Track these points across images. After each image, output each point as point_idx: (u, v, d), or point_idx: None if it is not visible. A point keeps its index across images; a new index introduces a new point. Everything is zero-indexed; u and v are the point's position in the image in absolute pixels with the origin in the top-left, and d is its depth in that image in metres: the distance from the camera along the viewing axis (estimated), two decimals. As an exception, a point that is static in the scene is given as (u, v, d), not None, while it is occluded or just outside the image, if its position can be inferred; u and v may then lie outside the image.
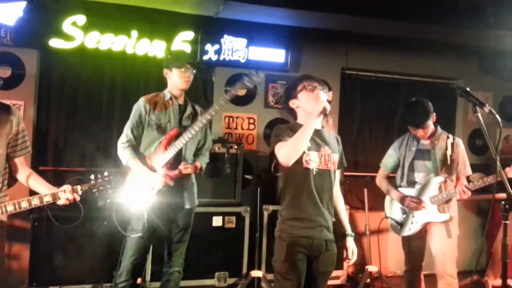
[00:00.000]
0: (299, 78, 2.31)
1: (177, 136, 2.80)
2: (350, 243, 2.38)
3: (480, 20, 3.79)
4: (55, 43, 3.79)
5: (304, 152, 2.16)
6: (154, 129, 2.87)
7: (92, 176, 2.27)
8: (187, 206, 2.90)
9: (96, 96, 4.08)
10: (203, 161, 3.04)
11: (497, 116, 2.13)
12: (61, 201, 2.20)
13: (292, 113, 2.35)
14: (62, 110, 4.01)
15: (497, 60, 4.86)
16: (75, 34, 3.79)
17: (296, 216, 2.22)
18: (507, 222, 2.14)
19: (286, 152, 2.11)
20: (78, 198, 2.23)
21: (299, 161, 2.15)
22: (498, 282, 3.81)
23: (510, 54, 4.58)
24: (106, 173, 2.28)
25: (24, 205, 2.16)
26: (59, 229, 3.34)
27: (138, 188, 2.76)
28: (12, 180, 2.33)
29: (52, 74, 3.98)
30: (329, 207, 2.29)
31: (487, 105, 2.18)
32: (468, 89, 2.27)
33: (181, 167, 2.81)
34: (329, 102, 2.26)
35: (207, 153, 3.12)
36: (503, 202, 2.11)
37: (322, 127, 2.33)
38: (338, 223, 2.42)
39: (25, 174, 2.31)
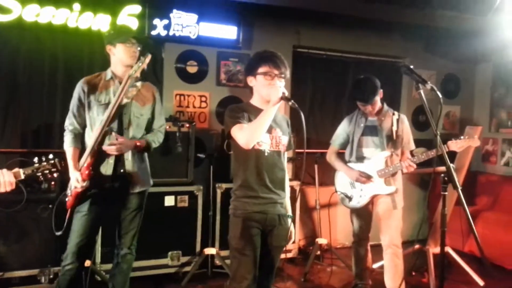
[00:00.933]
0: (263, 58, 2.28)
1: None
2: (289, 224, 2.43)
3: (425, 1, 3.91)
4: (-11, 15, 3.52)
5: None
6: (95, 110, 2.72)
7: (36, 159, 2.16)
8: (136, 190, 2.80)
9: (36, 73, 3.83)
10: (150, 138, 2.84)
11: (438, 92, 2.22)
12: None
13: (249, 88, 2.37)
14: (0, 88, 3.75)
15: (440, 40, 5.06)
16: (11, 6, 3.53)
17: (250, 195, 2.27)
18: (446, 193, 2.27)
19: (247, 136, 2.15)
20: (13, 186, 2.11)
21: None
22: (438, 249, 4.06)
23: (453, 34, 4.78)
24: (51, 156, 2.18)
25: None
26: (1, 214, 3.19)
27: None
28: None
29: (-13, 49, 3.70)
30: (281, 185, 2.36)
31: (429, 82, 2.26)
32: (412, 67, 2.35)
33: (105, 146, 2.63)
34: None
35: (159, 133, 2.94)
36: (442, 175, 2.23)
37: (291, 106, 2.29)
38: None
39: None
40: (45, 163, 2.15)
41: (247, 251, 2.23)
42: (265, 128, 2.17)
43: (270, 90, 2.18)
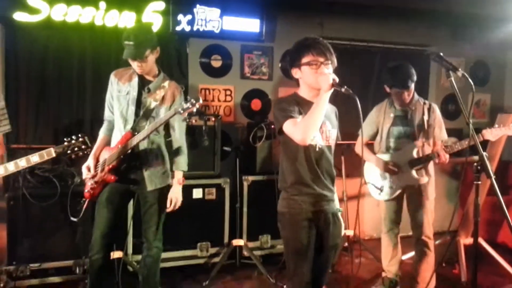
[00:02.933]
0: (305, 47, 2.13)
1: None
2: (340, 219, 2.35)
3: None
4: (19, 16, 3.62)
5: None
6: (118, 101, 2.80)
7: (67, 139, 2.24)
8: (149, 189, 2.81)
9: (65, 71, 3.92)
10: (181, 166, 2.87)
11: (470, 80, 2.16)
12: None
13: (294, 79, 2.24)
14: (31, 86, 3.86)
15: (467, 26, 4.92)
16: (40, 6, 3.63)
17: (305, 191, 2.17)
18: (479, 182, 2.22)
19: (302, 131, 2.02)
20: None
21: None
22: (470, 240, 3.99)
23: (480, 20, 4.64)
24: (80, 134, 2.25)
25: (11, 167, 2.14)
26: (36, 207, 3.28)
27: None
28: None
29: (18, 49, 3.80)
30: (333, 181, 2.27)
31: (460, 69, 2.20)
32: (441, 54, 2.29)
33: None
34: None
35: (181, 150, 2.90)
36: (475, 164, 2.17)
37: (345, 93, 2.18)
38: None
39: None
40: (74, 141, 2.22)
41: (305, 252, 2.15)
42: (320, 121, 2.04)
43: (320, 79, 2.04)
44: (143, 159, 2.79)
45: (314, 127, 2.04)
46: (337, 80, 2.03)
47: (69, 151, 2.22)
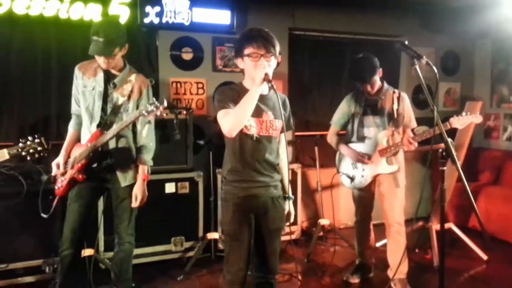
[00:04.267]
0: (247, 38, 2.14)
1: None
2: (287, 205, 2.38)
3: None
4: (-22, 10, 3.49)
5: None
6: (84, 96, 2.75)
7: (23, 140, 2.16)
8: (122, 185, 2.77)
9: (29, 66, 3.80)
10: (145, 162, 2.80)
11: (434, 67, 2.18)
12: None
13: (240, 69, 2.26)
14: (-6, 82, 3.74)
15: (438, 17, 4.98)
16: (1, -1, 3.51)
17: (239, 179, 2.21)
18: (444, 168, 2.25)
19: (229, 122, 2.05)
20: None
21: None
22: (441, 226, 4.06)
23: (450, 10, 4.70)
24: (36, 135, 2.18)
25: None
26: (1, 206, 3.19)
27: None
28: None
29: (-22, 44, 3.68)
30: (273, 168, 2.27)
31: (424, 57, 2.22)
32: (406, 42, 2.30)
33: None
34: (278, 64, 2.18)
35: (146, 145, 2.82)
36: (440, 150, 2.20)
37: (270, 89, 2.21)
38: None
39: None
40: (30, 142, 2.15)
41: (239, 236, 2.20)
42: (248, 113, 2.05)
43: (255, 72, 2.06)
44: (114, 157, 2.75)
45: (241, 119, 2.05)
46: (269, 76, 2.04)
47: (23, 153, 2.14)
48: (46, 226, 3.28)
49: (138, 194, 2.77)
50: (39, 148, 2.17)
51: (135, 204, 2.78)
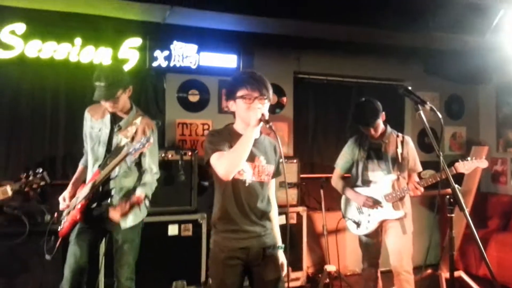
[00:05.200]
0: (240, 81, 2.12)
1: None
2: (280, 255, 2.28)
3: (421, 24, 3.94)
4: (-8, 52, 3.60)
5: None
6: (90, 138, 2.81)
7: (23, 175, 2.14)
8: (122, 227, 2.73)
9: (38, 108, 3.88)
10: (144, 190, 2.75)
11: (438, 112, 2.18)
12: None
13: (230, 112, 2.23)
14: (3, 123, 3.79)
15: (440, 61, 5.06)
16: (14, 43, 3.61)
17: (231, 228, 2.12)
18: (453, 215, 2.20)
19: (225, 166, 1.99)
20: None
21: None
22: (451, 274, 3.94)
23: (452, 55, 4.78)
24: (39, 170, 2.16)
25: None
26: (2, 247, 3.16)
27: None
28: None
29: (-10, 86, 3.77)
30: (265, 216, 2.20)
31: (428, 102, 2.23)
32: (410, 87, 2.32)
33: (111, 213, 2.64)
34: (279, 103, 2.18)
35: (147, 178, 2.80)
36: (447, 196, 2.16)
37: (261, 133, 2.19)
38: None
39: None
40: (32, 177, 2.13)
41: None
42: (245, 156, 2.01)
43: (249, 114, 2.03)
44: (114, 198, 2.74)
45: (237, 162, 2.00)
46: (266, 116, 2.01)
47: (26, 188, 2.12)
48: (47, 268, 3.22)
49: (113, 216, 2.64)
50: (41, 183, 2.15)
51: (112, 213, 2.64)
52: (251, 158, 2.11)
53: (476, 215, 4.70)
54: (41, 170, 2.15)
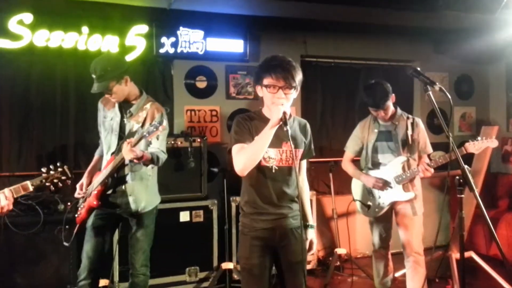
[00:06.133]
0: (267, 68, 2.06)
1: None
2: (310, 234, 2.31)
3: (430, 3, 3.87)
4: (1, 43, 3.61)
5: None
6: (104, 127, 2.85)
7: (44, 169, 2.14)
8: (134, 212, 2.77)
9: (48, 97, 3.91)
10: (154, 153, 2.69)
11: (447, 93, 2.16)
12: None
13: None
14: (14, 113, 3.83)
15: (450, 41, 4.99)
16: (22, 33, 3.62)
17: (257, 211, 2.15)
18: (462, 196, 2.20)
19: (242, 162, 2.01)
20: (10, 207, 2.10)
21: None
22: (461, 254, 3.95)
23: (462, 34, 4.71)
24: (59, 164, 2.17)
25: None
26: (19, 236, 3.21)
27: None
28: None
29: (0, 76, 3.78)
30: (292, 198, 2.20)
31: (437, 83, 2.20)
32: (418, 68, 2.29)
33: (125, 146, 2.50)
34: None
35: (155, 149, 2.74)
36: (457, 177, 2.15)
37: (291, 116, 2.13)
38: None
39: None
40: (53, 172, 2.13)
41: (255, 271, 2.13)
42: (261, 154, 2.02)
43: (272, 108, 2.01)
44: (128, 183, 2.77)
45: (253, 160, 2.01)
46: (287, 114, 1.98)
47: (47, 183, 2.12)
48: (63, 256, 3.29)
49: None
50: (63, 178, 2.15)
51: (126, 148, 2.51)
52: (279, 143, 2.10)
53: (486, 195, 4.69)
54: (61, 163, 2.15)
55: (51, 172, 2.13)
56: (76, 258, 2.84)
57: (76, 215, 2.81)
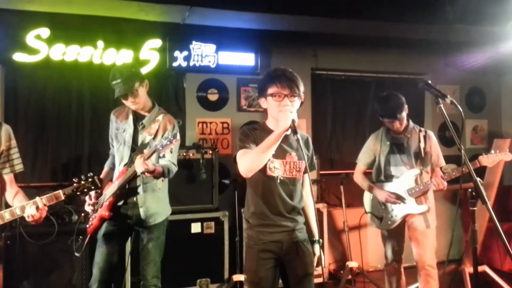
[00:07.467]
0: (271, 78, 2.12)
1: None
2: (317, 250, 2.29)
3: (440, 16, 3.89)
4: (19, 57, 3.72)
5: (268, 159, 2.06)
6: (116, 139, 2.88)
7: (76, 179, 2.18)
8: (146, 224, 2.79)
9: (64, 109, 4.00)
10: (165, 165, 2.73)
11: (458, 106, 2.17)
12: (28, 214, 2.11)
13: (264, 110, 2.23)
14: (30, 125, 3.92)
15: (460, 53, 4.99)
16: (39, 47, 3.73)
17: (264, 223, 2.15)
18: (475, 209, 2.19)
19: (247, 163, 2.03)
20: (43, 214, 2.15)
21: (263, 169, 2.07)
22: (475, 269, 3.89)
23: (472, 47, 4.71)
24: (89, 174, 2.21)
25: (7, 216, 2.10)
26: (33, 246, 3.25)
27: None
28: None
29: (17, 89, 3.89)
30: (297, 211, 2.21)
31: (448, 96, 2.21)
32: (429, 81, 2.31)
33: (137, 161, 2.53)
34: (301, 104, 2.15)
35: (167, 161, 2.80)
36: (469, 190, 2.15)
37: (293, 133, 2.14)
38: (306, 228, 2.28)
39: (12, 193, 2.28)
40: (84, 182, 2.17)
41: (263, 284, 2.11)
42: (267, 157, 2.02)
43: (280, 115, 2.00)
44: (140, 195, 2.79)
45: (259, 162, 2.01)
46: (296, 122, 1.99)
47: (78, 193, 2.17)
48: (76, 266, 3.33)
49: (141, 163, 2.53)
50: (92, 187, 2.19)
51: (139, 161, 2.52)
52: (283, 155, 2.14)
53: (499, 208, 4.63)
54: (91, 174, 2.19)
55: (82, 182, 2.17)
56: (89, 269, 2.86)
57: (87, 226, 2.84)
